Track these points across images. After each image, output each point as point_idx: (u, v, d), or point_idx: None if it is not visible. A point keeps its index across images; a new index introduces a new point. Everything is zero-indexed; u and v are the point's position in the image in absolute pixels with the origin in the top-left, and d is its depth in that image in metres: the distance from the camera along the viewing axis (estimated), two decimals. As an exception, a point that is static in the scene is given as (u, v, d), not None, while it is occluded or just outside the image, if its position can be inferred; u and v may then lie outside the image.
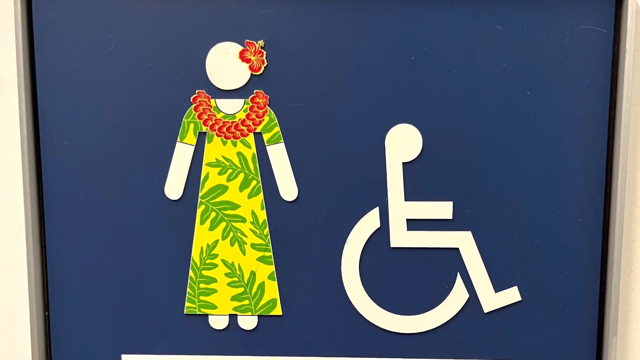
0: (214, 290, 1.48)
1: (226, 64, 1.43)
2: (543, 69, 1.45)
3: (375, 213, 1.42)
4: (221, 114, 1.43)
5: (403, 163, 1.45)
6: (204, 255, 1.45)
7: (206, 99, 1.45)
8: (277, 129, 1.46)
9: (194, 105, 1.45)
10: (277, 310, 1.49)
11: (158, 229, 1.43)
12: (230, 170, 1.44)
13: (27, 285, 1.49)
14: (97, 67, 1.47)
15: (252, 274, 1.46)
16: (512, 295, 1.48)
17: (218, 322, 1.48)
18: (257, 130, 1.46)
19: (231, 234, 1.45)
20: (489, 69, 1.44)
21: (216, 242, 1.45)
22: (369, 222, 1.44)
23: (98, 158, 1.49)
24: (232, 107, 1.42)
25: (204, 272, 1.45)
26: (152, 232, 1.45)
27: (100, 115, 1.49)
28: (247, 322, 1.50)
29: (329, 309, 1.47)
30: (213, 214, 1.43)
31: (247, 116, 1.46)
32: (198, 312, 1.46)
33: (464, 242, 1.46)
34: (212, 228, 1.44)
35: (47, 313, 1.52)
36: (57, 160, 1.50)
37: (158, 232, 1.45)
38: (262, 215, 1.45)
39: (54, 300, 1.51)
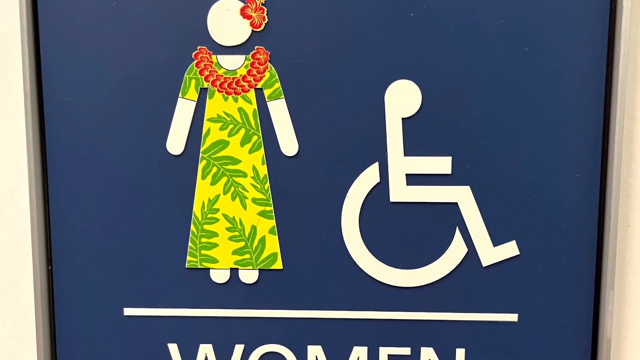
0: (215, 245, 1.50)
1: (227, 21, 1.44)
2: (541, 26, 1.46)
3: (374, 168, 1.44)
4: (222, 70, 1.44)
5: (402, 118, 1.47)
6: (206, 209, 1.47)
7: (207, 55, 1.46)
8: (277, 84, 1.47)
9: (196, 61, 1.46)
10: (278, 264, 1.50)
11: (160, 184, 1.45)
12: (231, 126, 1.46)
13: (30, 240, 1.51)
14: (100, 24, 1.49)
15: (253, 228, 1.47)
16: (510, 249, 1.49)
17: (219, 276, 1.50)
18: (258, 86, 1.47)
19: (232, 188, 1.46)
20: (487, 26, 1.46)
21: (217, 196, 1.46)
22: (369, 177, 1.45)
23: (100, 114, 1.50)
24: (233, 63, 1.44)
25: (206, 227, 1.46)
26: (153, 187, 1.47)
27: (103, 72, 1.51)
28: (248, 276, 1.52)
29: (329, 263, 1.48)
30: (214, 169, 1.45)
31: (248, 72, 1.48)
32: (199, 266, 1.48)
33: (462, 196, 1.48)
34: (213, 183, 1.46)
35: (50, 267, 1.54)
36: (60, 116, 1.52)
37: (160, 187, 1.46)
38: (263, 170, 1.47)
39: (57, 254, 1.52)
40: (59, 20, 1.54)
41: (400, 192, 1.52)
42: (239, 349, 1.64)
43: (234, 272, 1.60)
